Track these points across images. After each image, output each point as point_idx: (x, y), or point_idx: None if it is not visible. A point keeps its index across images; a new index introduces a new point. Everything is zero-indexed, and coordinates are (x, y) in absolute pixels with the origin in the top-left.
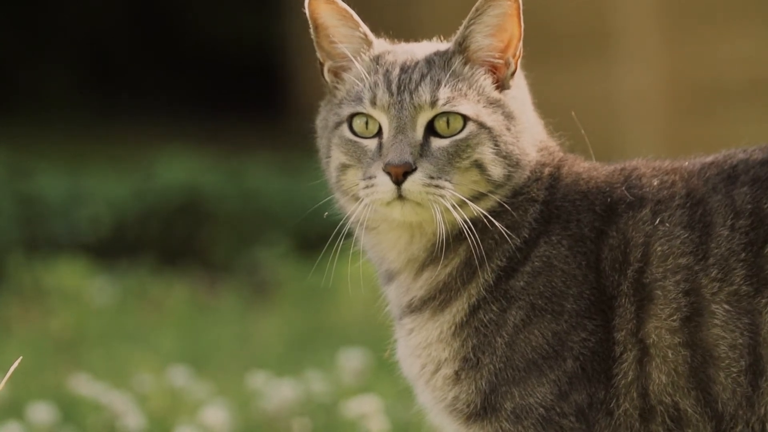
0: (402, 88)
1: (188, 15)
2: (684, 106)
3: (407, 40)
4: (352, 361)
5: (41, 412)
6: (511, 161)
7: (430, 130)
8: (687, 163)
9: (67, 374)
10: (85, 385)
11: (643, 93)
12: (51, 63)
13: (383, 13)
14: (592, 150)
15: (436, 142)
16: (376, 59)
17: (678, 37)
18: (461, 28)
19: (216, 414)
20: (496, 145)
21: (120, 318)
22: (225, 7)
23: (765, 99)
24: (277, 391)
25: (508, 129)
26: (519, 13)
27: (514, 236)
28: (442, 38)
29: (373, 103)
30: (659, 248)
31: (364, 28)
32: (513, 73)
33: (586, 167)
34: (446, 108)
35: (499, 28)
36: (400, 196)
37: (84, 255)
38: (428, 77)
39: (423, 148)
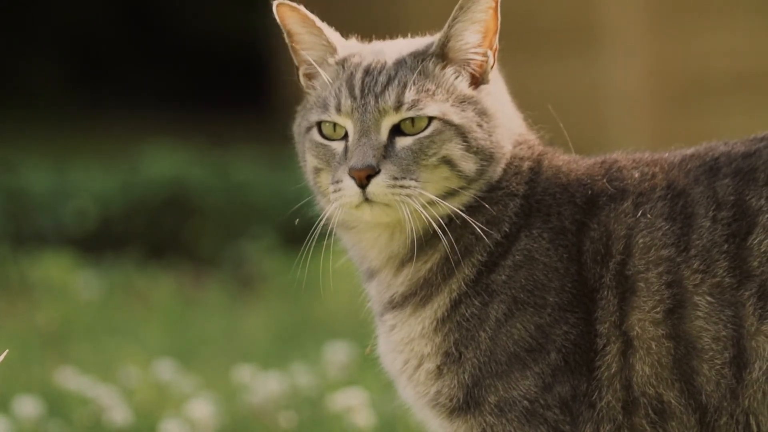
0: (366, 91)
1: (174, 9)
2: (669, 98)
3: (394, 34)
4: (337, 354)
5: (27, 405)
6: (483, 156)
7: (397, 130)
8: (667, 154)
9: (54, 368)
10: (71, 379)
11: (628, 86)
12: (37, 57)
13: (371, 8)
14: (579, 143)
15: (401, 141)
16: (342, 63)
17: (663, 30)
18: (445, 26)
19: (202, 407)
20: (465, 141)
21: (106, 312)
22: (211, 1)
23: (750, 91)
24: (263, 385)
25: (480, 125)
26: (497, 6)
27: (493, 231)
28: (427, 33)
29: (338, 109)
30: (641, 240)
31: (328, 33)
32: (492, 67)
33: (565, 160)
34: (411, 114)
35: (481, 23)
36: (367, 199)
37: (70, 249)
38: (395, 80)
39: (387, 150)
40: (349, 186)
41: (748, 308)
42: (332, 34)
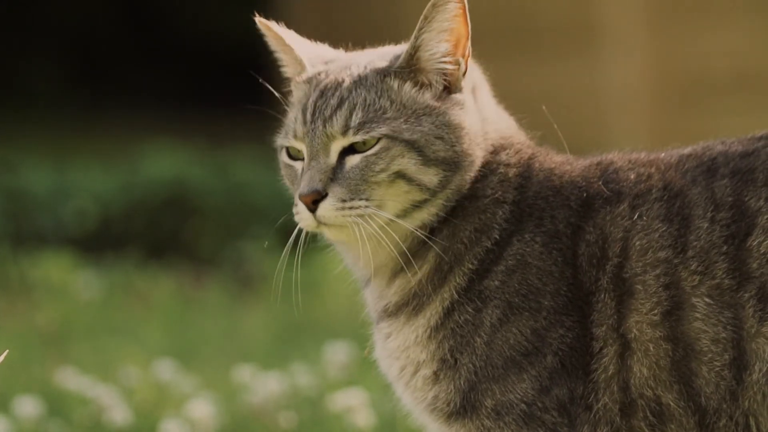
0: (316, 115)
1: (174, 9)
2: (670, 98)
3: (394, 34)
4: (337, 354)
5: (27, 405)
6: (446, 167)
7: (350, 148)
8: (663, 154)
9: (54, 368)
10: (71, 379)
11: (629, 86)
12: (37, 57)
13: (371, 8)
14: (579, 143)
15: (351, 161)
16: (309, 81)
17: (664, 30)
18: (412, 37)
19: (202, 407)
20: (421, 154)
21: (106, 312)
22: (211, 1)
23: (751, 91)
24: (264, 385)
25: (440, 137)
26: (466, 12)
27: (483, 239)
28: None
29: (295, 135)
30: (638, 242)
31: (299, 51)
32: (464, 74)
33: (558, 162)
34: (358, 138)
35: (450, 32)
36: (320, 222)
37: (70, 249)
38: (346, 102)
39: (335, 172)
40: (302, 210)
41: (748, 310)
42: (305, 51)
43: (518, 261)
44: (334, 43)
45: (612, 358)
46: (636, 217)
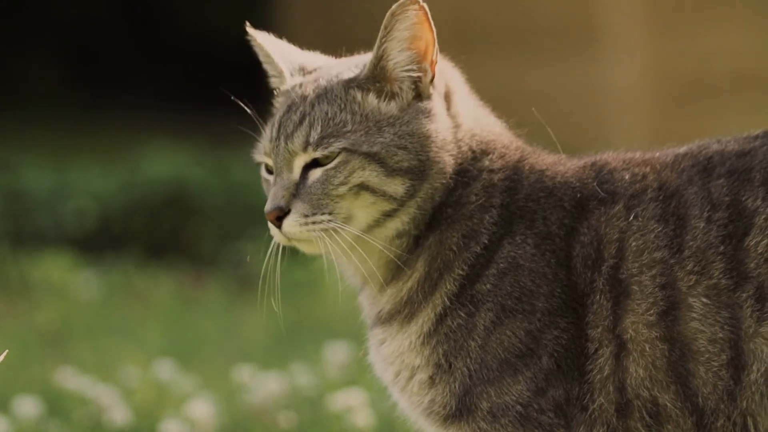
0: (281, 131)
1: (174, 8)
2: (669, 99)
3: None
4: (337, 354)
5: (27, 405)
6: (412, 175)
7: (315, 162)
8: (659, 154)
9: (53, 368)
10: (71, 379)
11: (628, 86)
12: (37, 57)
13: (371, 9)
14: (578, 143)
15: (313, 175)
16: (285, 94)
17: (663, 31)
18: (374, 48)
19: (202, 407)
20: (383, 165)
21: (106, 311)
22: (211, 1)
23: (750, 91)
24: (263, 385)
25: (403, 147)
26: (428, 18)
27: (472, 244)
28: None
29: (265, 151)
30: (634, 243)
31: (279, 63)
32: (432, 80)
33: (550, 163)
34: (317, 154)
35: (413, 39)
36: (288, 238)
37: (70, 249)
38: (307, 118)
39: (298, 187)
40: (271, 226)
41: (746, 310)
42: (286, 61)
43: (510, 263)
44: (335, 45)
45: (607, 359)
46: (631, 217)
